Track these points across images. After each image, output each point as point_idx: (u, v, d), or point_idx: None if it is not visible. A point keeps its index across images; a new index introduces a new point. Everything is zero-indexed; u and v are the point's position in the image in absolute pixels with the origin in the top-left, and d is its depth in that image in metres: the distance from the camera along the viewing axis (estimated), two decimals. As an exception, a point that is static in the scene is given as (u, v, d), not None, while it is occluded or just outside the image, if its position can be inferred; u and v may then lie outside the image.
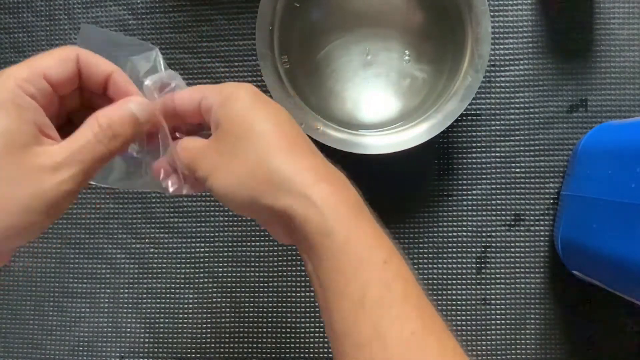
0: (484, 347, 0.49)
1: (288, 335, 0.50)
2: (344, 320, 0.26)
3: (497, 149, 0.50)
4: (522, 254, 0.50)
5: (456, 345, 0.26)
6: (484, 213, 0.50)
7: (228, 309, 0.51)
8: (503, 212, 0.50)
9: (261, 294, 0.50)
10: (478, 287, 0.50)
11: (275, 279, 0.50)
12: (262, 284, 0.51)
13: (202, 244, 0.51)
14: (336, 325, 0.26)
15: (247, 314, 0.50)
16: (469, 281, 0.50)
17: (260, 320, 0.50)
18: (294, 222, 0.27)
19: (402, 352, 0.25)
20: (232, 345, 0.50)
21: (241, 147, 0.28)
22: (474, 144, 0.50)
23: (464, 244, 0.50)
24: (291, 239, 0.29)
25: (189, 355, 0.50)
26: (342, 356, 0.26)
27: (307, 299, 0.50)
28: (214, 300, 0.51)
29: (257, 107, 0.29)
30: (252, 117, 0.28)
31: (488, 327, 0.49)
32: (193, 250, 0.51)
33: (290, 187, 0.27)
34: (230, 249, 0.51)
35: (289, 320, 0.50)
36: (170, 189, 0.31)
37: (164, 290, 0.51)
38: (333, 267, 0.26)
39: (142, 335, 0.51)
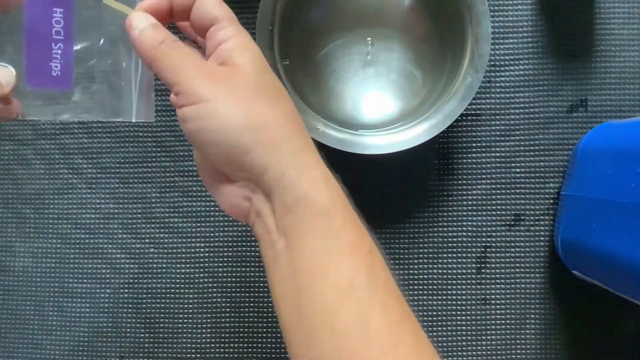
0: (484, 347, 0.49)
1: (288, 335, 0.50)
2: (324, 305, 0.25)
3: (497, 149, 0.50)
4: (522, 254, 0.50)
5: (425, 336, 0.26)
6: (484, 213, 0.50)
7: (228, 309, 0.51)
8: (503, 212, 0.50)
9: (261, 294, 0.50)
10: (478, 287, 0.50)
11: (275, 279, 0.50)
12: (262, 284, 0.51)
13: (202, 244, 0.51)
14: (313, 310, 0.25)
15: (247, 314, 0.50)
16: (469, 281, 0.50)
17: (260, 320, 0.50)
18: (286, 194, 0.26)
19: (382, 339, 0.24)
20: (232, 345, 0.50)
21: (266, 97, 0.27)
22: (474, 144, 0.50)
23: (464, 244, 0.50)
24: (252, 212, 0.28)
25: (189, 355, 0.50)
26: (313, 345, 0.25)
27: (307, 299, 0.50)
28: (214, 300, 0.51)
29: (271, 72, 0.30)
30: (274, 78, 0.29)
31: (488, 327, 0.49)
32: (193, 250, 0.51)
33: (297, 160, 0.26)
34: (230, 249, 0.51)
35: (289, 320, 0.50)
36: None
37: (164, 290, 0.51)
38: (322, 250, 0.25)
39: (142, 335, 0.51)
